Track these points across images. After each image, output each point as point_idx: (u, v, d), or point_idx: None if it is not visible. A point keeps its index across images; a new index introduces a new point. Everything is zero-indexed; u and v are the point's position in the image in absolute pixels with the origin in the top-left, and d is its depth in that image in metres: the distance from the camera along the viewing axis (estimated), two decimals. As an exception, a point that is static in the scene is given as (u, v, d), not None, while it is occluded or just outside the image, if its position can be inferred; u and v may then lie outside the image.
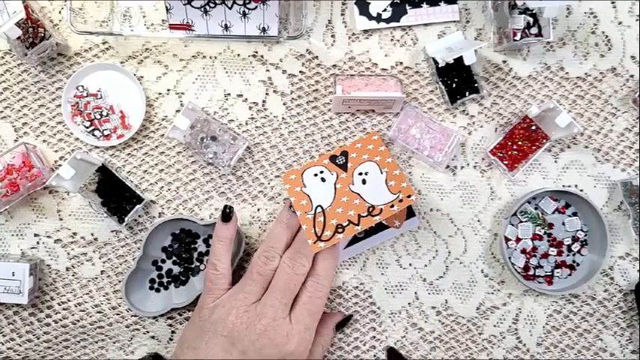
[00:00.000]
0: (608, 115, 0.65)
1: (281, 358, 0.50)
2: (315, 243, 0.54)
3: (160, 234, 0.62)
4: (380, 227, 0.61)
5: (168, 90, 0.63)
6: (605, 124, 0.65)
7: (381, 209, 0.55)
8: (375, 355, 0.64)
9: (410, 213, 0.62)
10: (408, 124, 0.61)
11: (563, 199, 0.64)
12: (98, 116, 0.62)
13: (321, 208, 0.56)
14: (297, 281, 0.53)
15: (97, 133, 0.62)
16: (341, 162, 0.58)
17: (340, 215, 0.55)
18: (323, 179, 0.57)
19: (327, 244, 0.54)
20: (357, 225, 0.55)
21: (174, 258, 0.63)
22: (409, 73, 0.65)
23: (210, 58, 0.64)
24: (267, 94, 0.64)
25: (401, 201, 0.56)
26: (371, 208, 0.55)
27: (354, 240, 0.62)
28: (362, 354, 0.64)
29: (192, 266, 0.63)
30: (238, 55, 0.64)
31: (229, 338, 0.50)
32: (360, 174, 0.57)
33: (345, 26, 0.64)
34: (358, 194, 0.56)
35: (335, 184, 0.57)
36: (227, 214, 0.56)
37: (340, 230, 0.54)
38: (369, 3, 0.64)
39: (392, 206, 0.55)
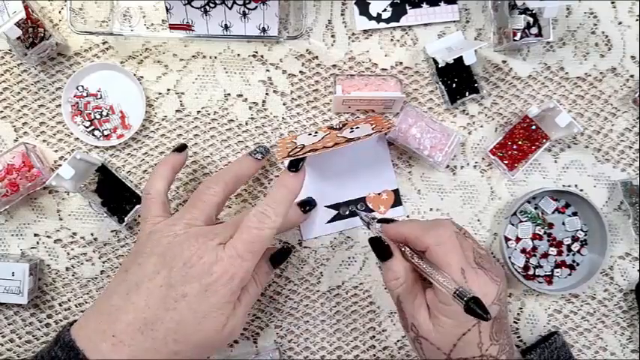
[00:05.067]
0: (608, 115, 0.65)
1: (206, 279, 0.45)
2: (282, 157, 0.53)
3: (160, 234, 0.62)
4: (364, 211, 0.63)
5: (168, 90, 0.63)
6: (605, 124, 0.65)
7: (359, 138, 0.54)
8: (374, 355, 0.64)
9: (397, 202, 0.62)
10: (409, 124, 0.61)
11: (563, 198, 0.64)
12: (98, 116, 0.62)
13: (303, 145, 0.55)
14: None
15: (96, 133, 0.62)
16: (338, 127, 0.60)
17: (317, 144, 0.54)
18: (316, 133, 0.59)
19: (294, 156, 0.50)
20: (330, 148, 0.53)
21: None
22: (409, 73, 0.65)
23: (210, 58, 0.64)
24: (267, 94, 0.64)
25: (380, 129, 0.56)
26: (350, 140, 0.54)
27: (338, 217, 0.63)
28: (361, 354, 0.64)
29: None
30: (238, 55, 0.64)
31: (162, 257, 0.46)
32: (352, 130, 0.57)
33: (345, 26, 0.64)
34: (343, 137, 0.55)
35: (324, 137, 0.57)
36: (182, 147, 0.57)
37: (308, 149, 0.52)
38: (369, 3, 0.64)
39: (369, 135, 0.54)
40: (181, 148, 0.57)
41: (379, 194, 0.63)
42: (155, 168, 0.55)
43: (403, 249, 0.49)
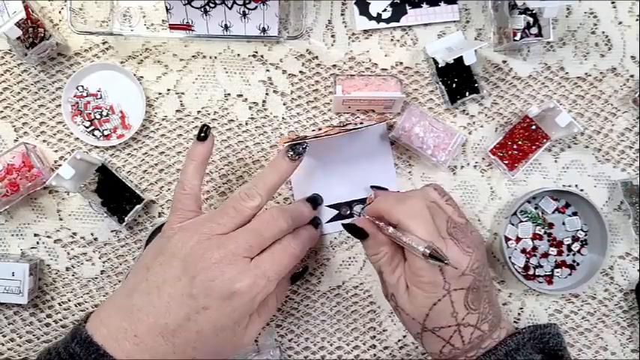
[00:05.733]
0: (609, 115, 0.65)
1: (228, 295, 0.45)
2: (284, 143, 0.54)
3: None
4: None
5: (169, 90, 0.63)
6: (605, 124, 0.65)
7: (362, 123, 0.56)
8: (375, 355, 0.64)
9: None
10: (412, 123, 0.61)
11: (564, 198, 0.64)
12: (98, 116, 0.62)
13: (305, 136, 0.56)
14: (273, 232, 0.49)
15: (97, 133, 0.62)
16: (340, 125, 0.60)
17: (320, 133, 0.56)
18: (319, 129, 0.60)
19: (293, 141, 0.52)
20: (332, 135, 0.55)
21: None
22: (409, 73, 0.65)
23: (210, 58, 0.64)
24: (267, 94, 0.64)
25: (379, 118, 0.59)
26: (352, 129, 0.57)
27: (338, 217, 0.63)
28: (362, 354, 0.64)
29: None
30: (238, 55, 0.64)
31: (184, 263, 0.46)
32: (354, 126, 0.58)
33: (345, 26, 0.64)
34: (345, 128, 0.57)
35: (327, 131, 0.58)
36: (204, 133, 0.52)
37: (310, 137, 0.54)
38: (369, 3, 0.64)
39: (371, 124, 0.57)
40: (203, 137, 0.53)
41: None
42: (186, 163, 0.52)
43: (379, 223, 0.50)
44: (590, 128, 0.65)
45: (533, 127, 0.62)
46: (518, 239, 0.64)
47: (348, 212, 0.63)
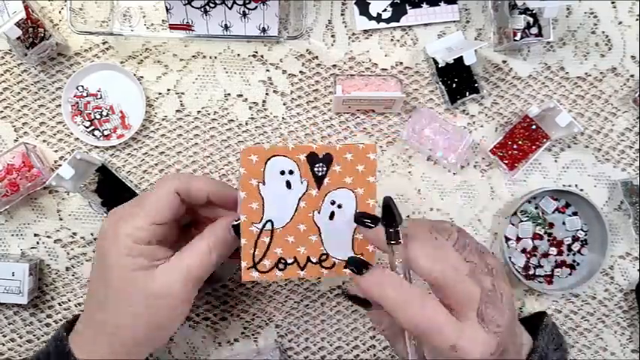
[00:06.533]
0: (609, 115, 0.65)
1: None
2: (248, 269, 0.44)
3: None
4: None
5: (169, 90, 0.63)
6: (605, 124, 0.65)
7: (334, 263, 0.45)
8: (374, 355, 0.64)
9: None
10: (422, 125, 0.61)
11: (564, 198, 0.64)
12: (98, 116, 0.62)
13: (272, 225, 0.44)
14: None
15: (97, 133, 0.62)
16: (320, 172, 0.44)
17: (289, 247, 0.44)
18: (289, 184, 0.44)
19: (261, 277, 0.44)
20: (302, 270, 0.45)
21: (174, 258, 0.63)
22: (409, 73, 0.65)
23: (210, 58, 0.64)
24: (267, 94, 0.64)
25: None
26: (324, 257, 0.45)
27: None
28: (361, 354, 0.64)
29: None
30: (238, 55, 0.64)
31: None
32: (333, 203, 0.44)
33: (345, 26, 0.64)
34: (318, 229, 0.45)
35: (300, 199, 0.44)
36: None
37: (281, 267, 0.45)
38: (369, 3, 0.64)
39: (345, 267, 0.42)
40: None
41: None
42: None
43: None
44: (590, 128, 0.65)
45: (534, 126, 0.62)
46: (518, 239, 0.64)
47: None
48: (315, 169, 0.44)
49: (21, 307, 0.63)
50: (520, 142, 0.62)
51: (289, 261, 0.45)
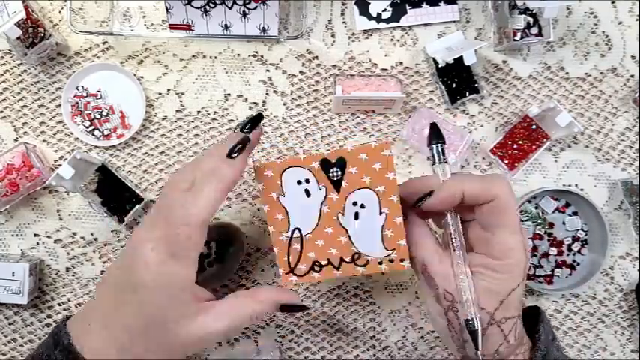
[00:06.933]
0: (609, 115, 0.65)
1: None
2: (287, 274, 0.46)
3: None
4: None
5: (169, 90, 0.63)
6: (605, 124, 0.65)
7: (367, 261, 0.45)
8: (375, 355, 0.64)
9: None
10: (422, 125, 0.61)
11: (564, 198, 0.64)
12: (98, 116, 0.62)
13: (300, 232, 0.45)
14: None
15: (96, 133, 0.62)
16: (335, 177, 0.44)
17: (320, 249, 0.45)
18: (307, 192, 0.45)
19: (299, 280, 0.46)
20: (337, 269, 0.46)
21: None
22: (409, 73, 0.65)
23: (210, 58, 0.64)
24: (267, 94, 0.64)
25: (391, 261, 0.45)
26: (356, 255, 0.45)
27: None
28: (361, 354, 0.64)
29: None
30: (238, 55, 0.64)
31: None
32: (355, 204, 0.44)
33: (345, 26, 0.64)
34: (346, 231, 0.45)
35: (322, 205, 0.45)
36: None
37: (317, 269, 0.46)
38: (369, 3, 0.64)
39: (380, 263, 0.45)
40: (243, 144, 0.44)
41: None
42: (203, 181, 0.42)
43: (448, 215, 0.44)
44: (590, 128, 0.65)
45: (534, 126, 0.62)
46: (518, 239, 0.64)
47: None
48: (330, 174, 0.44)
49: (21, 307, 0.63)
50: (520, 142, 0.62)
51: (323, 262, 0.46)
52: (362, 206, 0.44)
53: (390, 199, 0.44)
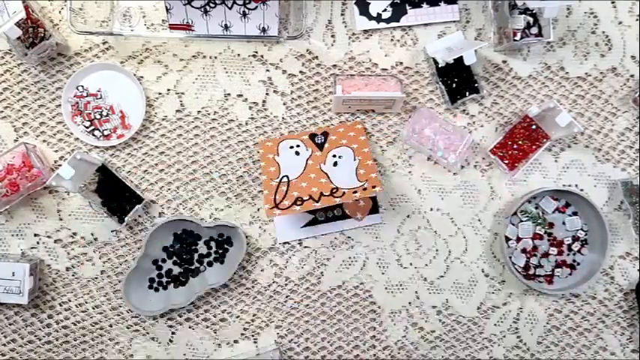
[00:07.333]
0: (609, 115, 0.65)
1: None
2: (271, 209, 0.55)
3: (162, 233, 0.62)
4: (343, 217, 0.63)
5: (169, 90, 0.63)
6: (605, 124, 0.65)
7: (344, 192, 0.55)
8: (375, 355, 0.64)
9: (374, 209, 0.63)
10: (422, 125, 0.61)
11: (564, 198, 0.64)
12: (98, 116, 0.62)
13: (287, 178, 0.57)
14: None
15: (97, 133, 0.62)
16: (319, 141, 0.59)
17: (303, 189, 0.56)
18: (297, 153, 0.59)
19: (282, 213, 0.55)
20: (317, 202, 0.55)
21: (174, 258, 0.63)
22: (409, 73, 0.65)
23: (210, 58, 0.64)
24: (267, 94, 0.64)
25: (365, 189, 0.55)
26: (334, 190, 0.56)
27: (314, 222, 0.63)
28: (361, 353, 0.64)
29: (192, 267, 0.63)
30: (238, 55, 0.64)
31: None
32: (334, 156, 0.58)
33: (345, 26, 0.64)
34: (326, 174, 0.57)
35: (307, 159, 0.58)
36: None
37: (299, 203, 0.55)
38: (369, 3, 0.64)
39: (355, 192, 0.55)
40: None
41: (357, 201, 0.62)
42: None
43: None
44: (590, 128, 0.65)
45: (534, 126, 0.62)
46: (518, 239, 0.64)
47: (323, 218, 0.63)
48: (316, 139, 0.58)
49: (21, 308, 0.63)
50: (520, 142, 0.62)
51: (305, 198, 0.55)
52: (339, 157, 0.58)
53: (363, 150, 0.57)
